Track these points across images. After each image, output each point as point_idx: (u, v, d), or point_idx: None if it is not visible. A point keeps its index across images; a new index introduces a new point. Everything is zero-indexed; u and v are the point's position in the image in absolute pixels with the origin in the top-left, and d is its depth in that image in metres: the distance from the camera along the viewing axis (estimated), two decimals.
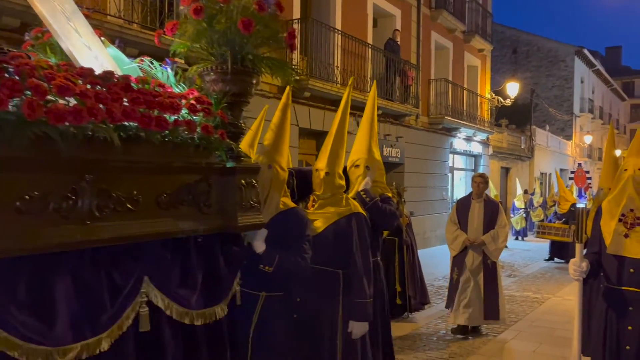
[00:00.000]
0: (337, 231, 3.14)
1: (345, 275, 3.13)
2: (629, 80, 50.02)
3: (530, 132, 24.10)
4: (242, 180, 2.36)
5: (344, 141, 3.38)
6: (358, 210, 3.25)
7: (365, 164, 3.82)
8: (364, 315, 3.10)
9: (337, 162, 3.27)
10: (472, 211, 6.08)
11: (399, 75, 13.06)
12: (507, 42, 30.93)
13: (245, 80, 2.47)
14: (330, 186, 3.21)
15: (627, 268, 3.03)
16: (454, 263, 6.17)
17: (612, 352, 3.06)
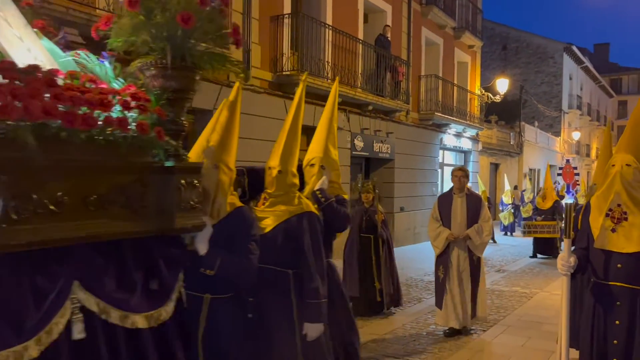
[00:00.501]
0: (287, 230, 3.07)
1: (296, 275, 3.06)
2: (616, 77, 50.49)
3: (519, 128, 24.27)
4: (181, 180, 2.26)
5: (298, 138, 3.31)
6: (310, 210, 3.19)
7: (321, 164, 3.76)
8: (317, 316, 3.03)
9: (290, 159, 3.21)
10: (455, 206, 5.91)
11: (390, 71, 13.08)
12: (496, 39, 31.07)
13: (187, 76, 2.36)
14: (283, 184, 3.15)
15: (614, 263, 3.06)
16: (439, 261, 5.99)
17: (599, 347, 3.10)
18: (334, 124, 3.95)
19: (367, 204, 6.85)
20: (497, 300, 8.03)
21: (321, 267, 3.11)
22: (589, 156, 38.15)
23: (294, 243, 3.06)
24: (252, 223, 2.78)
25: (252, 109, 9.26)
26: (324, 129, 3.90)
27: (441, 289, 5.92)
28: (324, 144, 3.82)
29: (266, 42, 9.70)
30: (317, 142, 3.87)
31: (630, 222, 3.03)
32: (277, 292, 3.05)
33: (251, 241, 2.71)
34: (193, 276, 2.51)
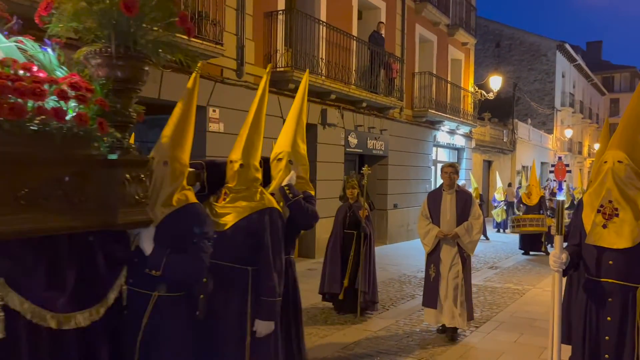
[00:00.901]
0: (247, 227, 2.98)
1: (255, 272, 3.00)
2: (608, 75, 50.73)
3: (512, 125, 24.35)
4: (126, 174, 2.16)
5: (261, 130, 3.17)
6: (272, 205, 3.09)
7: (288, 158, 3.66)
8: (271, 314, 2.98)
9: (253, 153, 3.10)
10: (444, 203, 5.78)
11: (384, 67, 13.08)
12: (490, 36, 31.13)
13: (134, 66, 2.25)
14: (244, 179, 3.05)
15: (606, 260, 3.08)
16: (430, 260, 5.85)
17: (592, 343, 3.12)
18: (303, 118, 3.84)
19: (351, 200, 6.70)
20: (489, 296, 8.07)
21: (280, 265, 3.05)
22: (580, 154, 38.37)
23: (254, 240, 2.99)
24: (203, 220, 2.65)
25: (245, 105, 9.22)
26: (292, 122, 3.77)
27: (434, 288, 5.75)
28: (292, 138, 3.71)
29: (260, 38, 9.67)
30: (285, 136, 3.74)
31: (621, 218, 3.05)
32: (234, 290, 2.98)
33: (203, 239, 2.59)
34: (140, 273, 2.44)
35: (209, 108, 8.56)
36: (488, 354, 5.36)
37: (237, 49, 9.10)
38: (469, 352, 5.41)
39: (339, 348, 5.40)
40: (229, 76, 8.97)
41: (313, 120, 11.06)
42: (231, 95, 8.96)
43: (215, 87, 8.68)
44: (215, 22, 8.16)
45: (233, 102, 9.01)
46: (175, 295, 2.56)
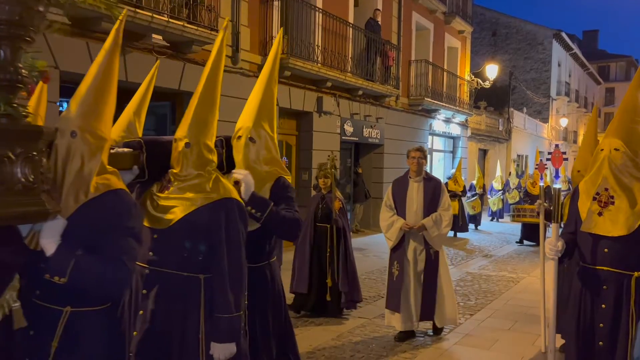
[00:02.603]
0: (197, 223, 2.37)
1: (208, 281, 2.40)
2: (604, 64, 50.74)
3: (508, 114, 24.34)
4: (8, 150, 1.65)
5: (216, 102, 2.59)
6: (230, 196, 2.45)
7: (248, 136, 2.95)
8: (228, 334, 2.38)
9: (203, 130, 2.47)
10: (411, 192, 5.19)
11: (380, 55, 13.02)
12: (486, 24, 31.01)
13: (22, 2, 1.67)
14: (192, 162, 2.43)
15: (601, 247, 3.09)
16: (393, 256, 5.25)
17: (586, 330, 3.13)
18: (271, 89, 3.15)
19: (324, 190, 6.18)
20: (484, 284, 8.11)
21: (239, 271, 2.44)
22: (575, 143, 38.42)
23: (205, 240, 2.39)
24: (128, 211, 2.06)
25: (240, 92, 9.18)
26: (257, 93, 3.12)
27: (397, 289, 5.17)
28: (255, 111, 3.03)
29: (255, 24, 9.59)
30: (247, 109, 3.10)
31: (617, 206, 3.05)
32: (183, 304, 2.39)
33: (127, 237, 2.02)
34: (47, 283, 1.89)
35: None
36: (482, 341, 5.39)
37: (233, 36, 9.03)
38: (463, 339, 5.44)
39: (319, 346, 5.23)
40: (224, 63, 8.89)
41: (309, 108, 11.02)
42: (226, 82, 8.81)
43: None
44: (210, 8, 8.08)
45: (228, 89, 8.92)
46: (93, 311, 1.99)
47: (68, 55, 6.55)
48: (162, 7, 7.44)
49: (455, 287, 7.81)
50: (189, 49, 7.91)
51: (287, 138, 11.08)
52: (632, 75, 33.84)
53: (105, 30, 6.78)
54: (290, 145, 11.26)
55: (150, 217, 2.43)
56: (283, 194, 2.99)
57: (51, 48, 6.36)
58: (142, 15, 6.87)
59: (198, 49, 8.07)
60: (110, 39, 2.15)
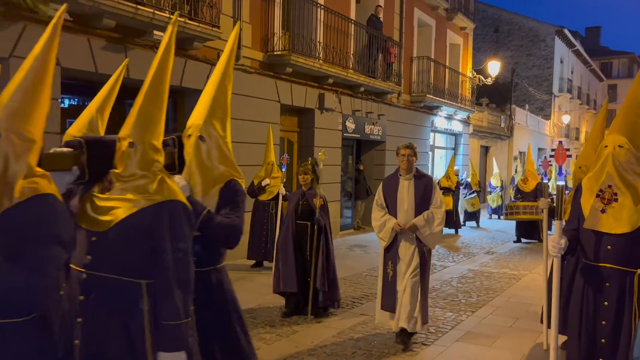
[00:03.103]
0: (138, 226, 2.24)
1: (150, 287, 2.25)
2: (607, 60, 50.58)
3: (510, 111, 24.29)
4: None
5: (163, 100, 2.41)
6: (175, 198, 2.33)
7: (199, 134, 2.78)
8: (176, 342, 2.24)
9: (149, 128, 2.33)
10: (401, 191, 5.06)
11: (382, 52, 12.99)
12: (489, 21, 30.92)
13: None
14: (136, 162, 2.30)
15: (604, 244, 3.08)
16: (388, 257, 5.11)
17: (588, 327, 3.12)
18: (227, 85, 2.93)
19: (304, 187, 6.01)
20: (486, 281, 8.11)
21: (186, 275, 2.31)
22: (578, 140, 38.36)
23: (148, 243, 2.25)
24: (55, 217, 2.00)
25: (242, 89, 9.17)
26: (210, 91, 2.90)
27: (392, 289, 5.03)
28: (206, 109, 2.85)
29: (257, 21, 9.57)
30: (199, 107, 2.91)
31: (620, 203, 3.04)
32: (124, 312, 2.24)
33: (52, 244, 1.96)
34: None
35: None
36: (484, 338, 5.39)
37: None
38: (465, 336, 5.44)
39: (308, 348, 5.03)
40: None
41: (310, 104, 11.01)
42: None
43: (211, 71, 8.58)
44: (212, 5, 8.06)
45: None
46: (16, 322, 1.87)
47: (69, 52, 6.54)
48: (163, 4, 7.43)
49: (457, 284, 7.82)
50: (191, 45, 7.90)
51: (288, 135, 11.08)
52: (635, 72, 33.58)
53: (106, 27, 6.77)
54: (292, 142, 11.25)
55: (88, 219, 2.28)
56: (230, 198, 2.83)
57: None
58: (144, 12, 6.86)
59: (200, 46, 8.06)
60: (46, 34, 2.07)
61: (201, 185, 2.79)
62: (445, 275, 8.46)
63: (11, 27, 5.99)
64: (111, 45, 7.02)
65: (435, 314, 6.15)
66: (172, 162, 2.67)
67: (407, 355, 4.86)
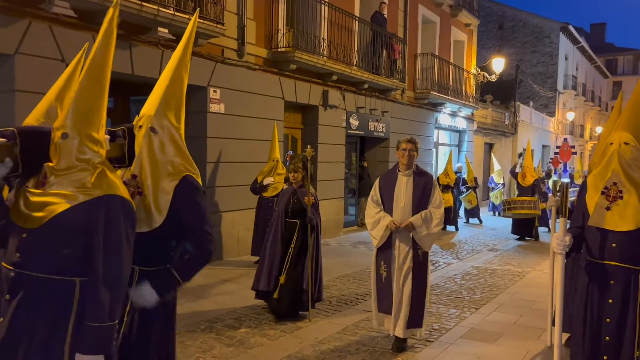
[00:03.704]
0: (72, 222, 2.12)
1: (84, 285, 2.15)
2: (612, 57, 50.34)
3: (514, 108, 24.21)
4: None
5: (103, 88, 2.25)
6: (115, 192, 2.20)
7: (149, 125, 2.55)
8: (96, 345, 2.10)
9: (86, 118, 2.19)
10: (399, 187, 4.80)
11: (386, 48, 12.97)
12: (493, 17, 30.81)
13: None
14: (72, 155, 2.16)
15: (609, 242, 3.07)
16: (381, 256, 4.86)
17: (592, 325, 3.12)
18: (183, 75, 2.69)
19: (295, 184, 5.88)
20: (489, 278, 8.10)
21: (118, 276, 2.18)
22: (582, 137, 38.24)
23: (82, 241, 2.14)
24: None
25: (246, 86, 9.18)
26: (164, 80, 2.67)
27: (387, 291, 4.81)
28: (158, 99, 2.62)
29: (261, 18, 9.56)
30: (152, 97, 2.68)
31: (625, 201, 3.04)
32: (51, 311, 2.11)
33: None
34: None
35: (210, 88, 8.50)
36: (487, 335, 5.39)
37: (238, 29, 9.01)
38: (468, 332, 5.44)
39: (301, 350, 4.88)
40: (230, 56, 8.89)
41: (314, 101, 11.00)
42: (232, 75, 8.90)
43: (216, 67, 8.60)
44: (216, 1, 8.06)
45: (234, 83, 8.94)
46: None
47: (74, 48, 6.54)
48: (167, 1, 7.43)
49: (460, 281, 7.82)
50: (195, 42, 7.90)
51: (292, 132, 11.08)
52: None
53: None
54: (296, 139, 11.25)
55: (20, 214, 2.16)
56: (186, 196, 2.56)
57: (57, 41, 6.37)
58: (148, 9, 6.86)
59: (204, 43, 8.06)
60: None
61: (152, 180, 2.53)
62: (449, 272, 8.46)
63: (16, 24, 6.01)
64: (116, 41, 7.02)
65: (439, 311, 6.15)
66: (121, 154, 2.55)
67: (411, 352, 4.86)
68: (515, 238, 12.41)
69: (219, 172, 8.69)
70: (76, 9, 6.38)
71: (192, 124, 8.65)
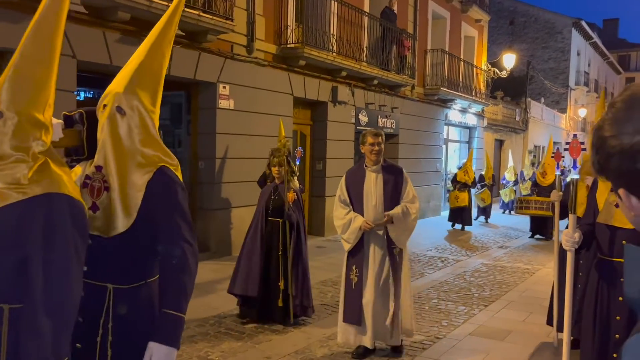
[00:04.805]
0: (1, 229, 1.63)
1: (14, 314, 1.62)
2: (625, 53, 49.79)
3: (525, 104, 24.05)
4: None
5: (51, 59, 1.77)
6: (58, 190, 1.71)
7: (116, 104, 2.02)
8: None
9: (27, 95, 1.71)
10: (368, 184, 4.47)
11: (395, 44, 12.92)
12: (504, 13, 30.58)
13: None
14: (7, 140, 1.69)
15: (619, 239, 3.05)
16: (352, 261, 4.47)
17: (602, 322, 3.11)
18: (164, 51, 2.15)
19: (278, 180, 5.43)
20: (499, 275, 8.07)
21: (62, 300, 1.67)
22: None
23: (13, 252, 1.63)
24: None
25: (255, 82, 9.19)
26: (140, 54, 2.12)
27: (356, 298, 4.42)
28: (129, 75, 2.07)
29: (270, 13, 9.56)
30: (122, 72, 2.13)
31: None
32: None
33: None
34: None
35: (219, 84, 8.52)
36: (496, 332, 5.38)
37: (248, 25, 9.01)
38: (477, 329, 5.43)
39: None
40: (239, 52, 8.90)
41: (323, 97, 10.99)
42: (241, 71, 8.91)
43: (225, 63, 8.62)
44: None
45: (243, 79, 8.95)
46: None
47: (85, 44, 6.60)
48: None
49: (470, 278, 7.79)
50: (204, 38, 7.92)
51: (301, 128, 11.08)
52: None
53: (121, 20, 6.82)
54: (305, 135, 11.25)
55: None
56: (163, 192, 2.00)
57: (68, 37, 6.41)
58: (158, 5, 6.89)
59: (213, 39, 8.07)
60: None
61: (117, 173, 1.99)
62: (458, 269, 8.44)
63: (27, 20, 6.03)
64: (126, 37, 7.07)
65: (448, 308, 6.14)
66: (79, 143, 2.07)
67: (419, 349, 4.86)
68: (528, 236, 12.23)
69: (228, 168, 8.71)
70: (87, 5, 6.42)
71: (201, 119, 8.68)
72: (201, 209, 8.58)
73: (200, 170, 8.60)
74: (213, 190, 8.56)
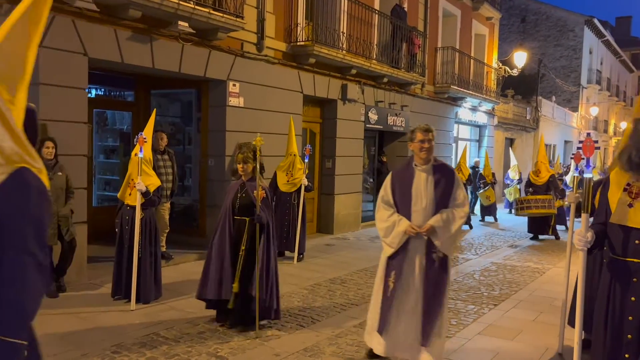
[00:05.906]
0: None
1: None
2: (638, 51, 49.23)
3: (536, 103, 23.88)
4: None
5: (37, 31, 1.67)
6: None
7: None
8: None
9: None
10: (417, 184, 4.11)
11: (406, 42, 12.87)
12: (515, 11, 30.40)
13: None
14: None
15: (632, 239, 3.02)
16: (392, 265, 4.14)
17: (614, 323, 3.08)
18: (31, 32, 1.69)
19: (244, 177, 5.17)
20: (509, 275, 8.03)
21: None
22: (606, 132, 37.55)
23: None
24: None
25: (265, 80, 9.19)
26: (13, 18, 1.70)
27: (389, 306, 4.12)
28: None
29: (281, 11, 9.56)
30: None
31: None
32: None
33: None
34: None
35: (229, 82, 8.53)
36: (506, 331, 5.35)
37: (258, 23, 9.02)
38: (486, 329, 5.40)
39: None
40: (249, 50, 8.91)
41: (333, 95, 10.98)
42: (251, 69, 8.92)
43: (235, 61, 8.63)
44: None
45: (253, 77, 8.96)
46: None
47: (96, 42, 6.64)
48: None
49: (479, 277, 7.76)
50: (215, 36, 7.94)
51: (311, 126, 11.08)
52: None
53: (132, 18, 6.85)
54: (314, 133, 11.25)
55: None
56: (13, 198, 1.61)
57: (80, 35, 6.45)
58: (169, 2, 6.91)
59: (224, 36, 8.09)
60: None
61: None
62: (467, 268, 8.40)
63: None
64: (137, 35, 7.10)
65: (457, 307, 6.12)
66: None
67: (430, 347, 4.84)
68: (529, 237, 11.90)
69: None
70: (98, 3, 6.46)
71: (211, 117, 8.71)
72: (210, 207, 8.61)
73: (210, 167, 8.62)
74: (222, 188, 8.58)
